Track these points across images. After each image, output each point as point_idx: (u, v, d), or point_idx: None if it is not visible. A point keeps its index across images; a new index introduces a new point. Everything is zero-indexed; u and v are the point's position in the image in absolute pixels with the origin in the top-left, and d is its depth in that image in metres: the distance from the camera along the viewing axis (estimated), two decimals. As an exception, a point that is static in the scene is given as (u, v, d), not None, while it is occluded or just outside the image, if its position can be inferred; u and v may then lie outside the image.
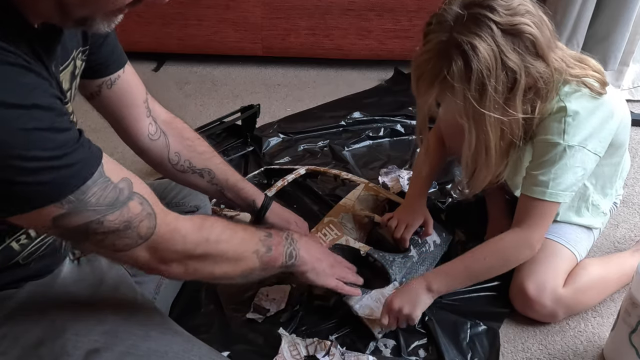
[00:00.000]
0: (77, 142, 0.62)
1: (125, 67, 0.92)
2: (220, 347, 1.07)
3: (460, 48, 0.91)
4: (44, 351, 0.74)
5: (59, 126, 0.60)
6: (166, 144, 1.01)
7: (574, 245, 1.19)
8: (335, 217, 1.25)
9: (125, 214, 0.66)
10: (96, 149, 0.66)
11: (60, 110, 0.61)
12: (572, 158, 1.02)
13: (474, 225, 1.40)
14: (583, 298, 1.18)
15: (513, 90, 0.95)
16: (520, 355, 1.12)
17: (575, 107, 1.01)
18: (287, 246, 0.92)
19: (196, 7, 2.16)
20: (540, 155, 1.05)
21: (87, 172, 0.63)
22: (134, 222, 0.67)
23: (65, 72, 0.75)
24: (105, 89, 0.90)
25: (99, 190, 0.63)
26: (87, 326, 0.77)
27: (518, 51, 0.92)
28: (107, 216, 0.64)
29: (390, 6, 2.14)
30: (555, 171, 1.02)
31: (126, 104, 0.94)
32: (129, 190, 0.67)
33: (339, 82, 2.20)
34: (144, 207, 0.68)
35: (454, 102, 0.96)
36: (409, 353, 1.10)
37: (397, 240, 1.25)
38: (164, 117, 1.02)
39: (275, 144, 1.76)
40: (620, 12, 1.85)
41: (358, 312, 1.10)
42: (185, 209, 1.13)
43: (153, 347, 0.78)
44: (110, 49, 0.87)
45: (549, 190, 1.03)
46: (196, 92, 2.12)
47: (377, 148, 1.78)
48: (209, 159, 1.05)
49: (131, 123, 0.96)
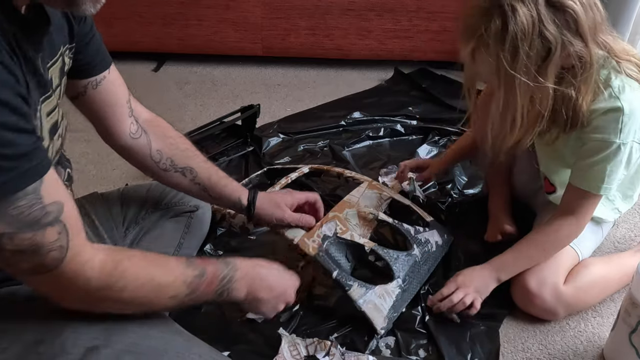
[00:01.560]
0: (27, 145, 0.60)
1: (110, 68, 0.92)
2: (220, 347, 1.07)
3: (502, 8, 0.94)
4: (44, 348, 0.74)
5: (12, 124, 0.58)
6: (147, 142, 1.00)
7: (576, 243, 1.19)
8: (340, 213, 1.25)
9: (38, 238, 0.63)
10: (45, 162, 0.63)
11: (18, 109, 0.59)
12: (625, 153, 1.05)
13: (474, 225, 1.40)
14: (584, 296, 1.18)
15: (546, 61, 0.97)
16: (520, 355, 1.12)
17: (631, 107, 1.02)
18: (216, 258, 0.88)
19: (196, 7, 2.17)
20: (595, 152, 1.06)
21: (22, 184, 0.60)
22: (43, 249, 0.64)
23: (54, 68, 0.74)
24: (90, 89, 0.90)
25: (25, 206, 0.61)
26: (87, 324, 0.77)
27: (557, 24, 0.95)
28: (19, 234, 0.62)
29: (390, 6, 2.14)
30: (610, 167, 1.06)
31: (110, 103, 0.93)
32: (55, 216, 0.64)
33: (339, 82, 2.20)
34: (60, 237, 0.65)
35: (487, 60, 0.99)
36: (409, 353, 1.10)
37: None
38: (145, 116, 1.02)
39: (275, 144, 1.76)
40: (620, 12, 1.85)
41: (362, 307, 1.10)
42: (185, 208, 1.13)
43: (153, 345, 0.78)
44: (95, 49, 0.87)
45: (604, 185, 1.07)
46: (196, 92, 2.12)
47: (377, 148, 1.78)
48: (191, 157, 1.04)
49: (113, 123, 0.96)
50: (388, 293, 1.13)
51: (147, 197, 1.11)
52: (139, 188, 1.14)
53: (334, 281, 1.11)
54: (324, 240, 1.15)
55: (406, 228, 1.26)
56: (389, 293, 1.13)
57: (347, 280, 1.11)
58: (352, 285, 1.11)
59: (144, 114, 1.02)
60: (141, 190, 1.13)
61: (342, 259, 1.20)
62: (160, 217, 1.10)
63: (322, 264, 1.11)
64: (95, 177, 1.62)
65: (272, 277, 0.92)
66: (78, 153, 1.69)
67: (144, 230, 1.07)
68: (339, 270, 1.12)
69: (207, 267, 0.81)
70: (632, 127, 1.03)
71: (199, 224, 1.15)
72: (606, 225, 1.30)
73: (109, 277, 0.71)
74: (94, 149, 1.71)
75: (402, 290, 1.15)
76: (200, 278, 0.80)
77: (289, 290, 0.95)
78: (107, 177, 1.62)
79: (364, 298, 1.11)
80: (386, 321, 1.11)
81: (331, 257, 1.15)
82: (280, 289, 0.93)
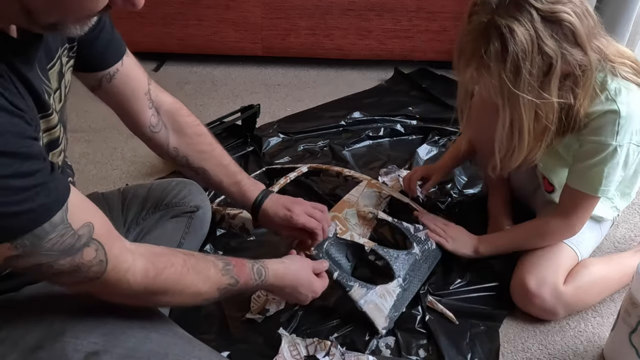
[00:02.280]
0: (43, 184, 0.61)
1: (123, 59, 0.91)
2: (220, 347, 1.07)
3: (499, 30, 0.95)
4: (43, 355, 0.74)
5: (24, 171, 0.59)
6: (166, 136, 1.01)
7: (575, 243, 1.19)
8: (340, 213, 1.25)
9: (77, 260, 0.66)
10: (63, 187, 0.64)
11: (29, 153, 0.60)
12: (621, 155, 1.05)
13: (474, 225, 1.40)
14: (584, 296, 1.18)
15: (548, 75, 0.98)
16: (520, 355, 1.12)
17: (628, 109, 1.02)
18: (251, 265, 0.90)
19: (196, 7, 2.16)
20: (592, 154, 1.07)
21: (47, 216, 0.62)
22: (83, 267, 0.67)
23: (52, 72, 0.74)
24: (105, 82, 0.90)
25: (57, 236, 0.63)
26: (87, 329, 0.77)
27: (556, 38, 0.95)
28: (58, 261, 0.65)
29: (390, 6, 2.14)
30: (608, 170, 1.06)
31: (127, 97, 0.94)
32: (88, 237, 0.66)
33: (339, 82, 2.20)
34: (97, 254, 0.68)
35: (489, 81, 1.00)
36: (409, 353, 1.10)
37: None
38: (167, 106, 1.01)
39: (275, 144, 1.76)
40: (620, 12, 1.85)
41: (363, 307, 1.10)
42: (186, 209, 1.13)
43: (153, 349, 0.77)
44: (105, 43, 0.86)
45: (601, 187, 1.08)
46: (196, 92, 2.12)
47: (377, 148, 1.78)
48: (206, 159, 1.05)
49: (134, 115, 0.97)
50: (389, 292, 1.13)
51: (148, 198, 1.11)
52: (140, 188, 1.14)
53: (335, 282, 1.11)
54: (324, 241, 1.15)
55: (406, 226, 1.26)
56: (390, 292, 1.13)
57: (348, 281, 1.12)
58: (353, 285, 1.11)
59: (166, 104, 1.01)
60: (142, 190, 1.13)
61: (342, 259, 1.20)
62: (161, 218, 1.10)
63: None
64: (95, 177, 1.62)
65: (301, 285, 1.00)
66: (78, 153, 1.69)
67: (145, 230, 1.07)
68: (339, 272, 1.12)
69: (241, 278, 0.87)
70: (628, 129, 1.03)
71: (199, 224, 1.15)
72: (605, 225, 1.30)
73: (152, 284, 0.74)
74: (94, 149, 1.71)
75: (402, 289, 1.15)
76: (233, 287, 0.85)
77: (312, 295, 1.02)
78: (107, 177, 1.62)
79: (364, 298, 1.11)
80: (387, 321, 1.11)
81: (331, 257, 1.15)
82: (303, 296, 1.01)
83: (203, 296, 0.82)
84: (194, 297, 0.81)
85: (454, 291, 1.23)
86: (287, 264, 0.98)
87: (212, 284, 0.83)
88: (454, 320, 1.15)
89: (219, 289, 0.83)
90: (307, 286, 1.00)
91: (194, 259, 0.81)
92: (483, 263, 1.28)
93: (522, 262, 1.19)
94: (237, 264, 0.87)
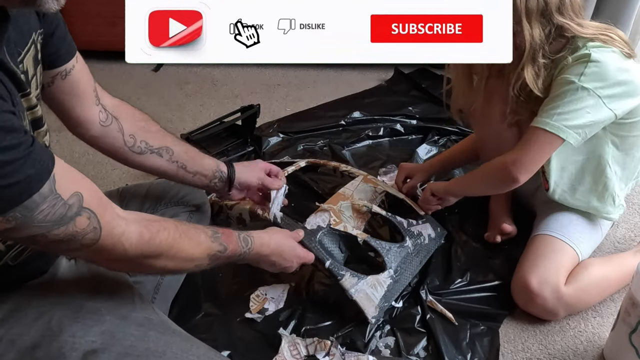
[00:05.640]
0: (26, 156, 0.61)
1: (76, 55, 0.90)
2: (220, 347, 1.07)
3: None
4: (41, 353, 0.74)
5: (6, 145, 0.59)
6: (119, 127, 0.99)
7: (576, 244, 1.19)
8: (334, 205, 1.26)
9: (70, 229, 0.67)
10: (48, 157, 0.64)
11: (9, 127, 0.60)
12: (583, 100, 1.03)
13: (474, 225, 1.40)
14: (584, 297, 1.18)
15: None
16: (520, 355, 1.12)
17: (600, 57, 1.02)
18: (238, 233, 0.94)
19: (196, 7, 2.16)
20: (554, 90, 1.07)
21: (35, 188, 0.62)
22: (78, 235, 0.68)
23: (28, 57, 0.73)
24: (59, 80, 0.88)
25: (48, 207, 0.63)
26: (84, 327, 0.77)
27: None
28: (52, 231, 0.65)
29: (390, 6, 2.14)
30: (562, 106, 1.04)
31: (77, 93, 0.92)
32: (78, 206, 0.67)
33: (339, 82, 2.20)
34: (90, 221, 0.68)
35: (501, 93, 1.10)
36: (409, 353, 1.10)
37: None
38: (111, 102, 1.00)
39: (275, 144, 1.76)
40: (620, 12, 1.85)
41: (353, 296, 1.11)
42: (185, 208, 1.13)
43: (151, 348, 0.77)
44: (61, 38, 0.85)
45: (551, 121, 1.05)
46: (196, 92, 2.12)
47: (376, 148, 1.78)
48: (164, 137, 1.04)
49: (82, 113, 0.94)
50: (380, 283, 1.13)
51: (147, 197, 1.11)
52: (139, 188, 1.14)
53: (327, 270, 1.12)
54: (318, 231, 1.16)
55: (399, 220, 1.27)
56: (381, 283, 1.14)
57: (340, 270, 1.12)
58: (344, 274, 1.12)
59: (109, 101, 1.00)
60: (141, 190, 1.13)
61: (335, 249, 1.21)
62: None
63: (315, 254, 1.12)
64: (95, 177, 1.61)
65: (284, 251, 1.03)
66: (78, 153, 1.69)
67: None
68: (331, 260, 1.13)
69: (230, 245, 0.90)
70: (596, 77, 1.02)
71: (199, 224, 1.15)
72: (605, 225, 1.30)
73: (147, 247, 0.76)
74: (94, 149, 1.71)
75: (393, 280, 1.16)
76: (221, 253, 0.89)
77: (296, 260, 1.06)
78: (107, 177, 1.62)
79: (355, 287, 1.12)
80: (377, 310, 1.12)
81: (324, 247, 1.16)
82: (288, 262, 1.05)
83: (195, 262, 0.85)
84: (186, 262, 0.84)
85: (454, 291, 1.23)
86: (270, 233, 1.02)
87: (203, 250, 0.85)
88: (453, 321, 1.15)
89: (209, 254, 0.86)
90: (290, 251, 1.05)
91: (184, 226, 0.84)
92: (483, 263, 1.28)
93: (522, 262, 1.19)
94: (225, 232, 0.91)
